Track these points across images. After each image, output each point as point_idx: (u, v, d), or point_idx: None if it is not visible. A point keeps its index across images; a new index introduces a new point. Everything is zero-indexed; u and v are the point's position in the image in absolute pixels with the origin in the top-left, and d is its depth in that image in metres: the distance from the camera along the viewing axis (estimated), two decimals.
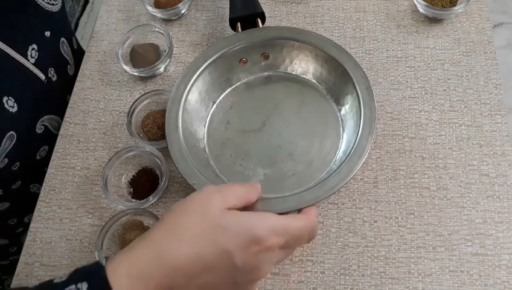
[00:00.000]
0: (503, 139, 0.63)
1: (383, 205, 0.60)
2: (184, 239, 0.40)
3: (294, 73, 0.68)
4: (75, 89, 0.74)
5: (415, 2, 0.71)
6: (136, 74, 0.72)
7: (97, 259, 0.57)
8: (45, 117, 0.71)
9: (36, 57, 0.66)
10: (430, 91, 0.67)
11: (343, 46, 0.65)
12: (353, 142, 0.58)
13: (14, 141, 0.63)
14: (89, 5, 1.93)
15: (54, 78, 0.72)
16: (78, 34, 1.84)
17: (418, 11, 0.73)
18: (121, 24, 0.79)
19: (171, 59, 0.73)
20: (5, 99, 0.61)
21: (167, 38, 0.72)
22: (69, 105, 0.73)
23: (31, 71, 0.66)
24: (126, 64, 0.71)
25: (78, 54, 0.83)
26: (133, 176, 0.65)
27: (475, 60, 0.69)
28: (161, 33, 0.73)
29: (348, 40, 0.72)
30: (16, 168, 0.67)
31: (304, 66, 0.68)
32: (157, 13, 0.76)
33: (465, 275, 0.55)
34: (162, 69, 0.73)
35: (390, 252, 0.57)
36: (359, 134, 0.58)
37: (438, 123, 0.65)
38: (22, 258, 0.61)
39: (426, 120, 0.65)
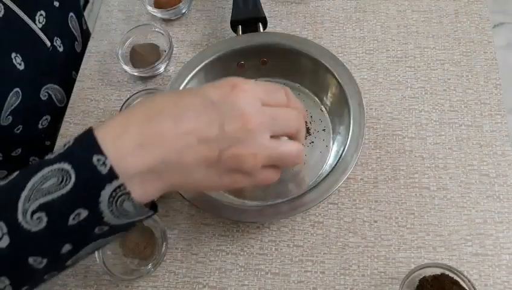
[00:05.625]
0: (503, 139, 0.63)
1: (383, 205, 0.60)
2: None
3: (291, 81, 0.68)
4: (75, 89, 0.74)
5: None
6: (136, 74, 0.72)
7: (97, 261, 0.57)
8: (49, 85, 0.73)
9: (43, 23, 0.69)
10: (430, 91, 0.67)
11: (343, 46, 0.64)
12: (338, 157, 0.58)
13: (20, 99, 0.66)
14: (89, 5, 1.93)
15: (61, 49, 0.75)
16: None
17: (418, 10, 0.72)
18: (121, 24, 0.79)
19: (171, 59, 0.73)
20: (13, 55, 0.64)
21: (167, 38, 0.72)
22: (69, 105, 0.73)
23: (37, 35, 0.68)
24: (126, 64, 0.71)
25: (87, 34, 0.86)
26: None
27: (475, 60, 0.68)
28: (161, 33, 0.73)
29: (348, 40, 0.72)
30: (18, 131, 0.69)
31: (301, 74, 0.67)
32: (157, 13, 0.76)
33: None
34: (162, 69, 0.73)
35: (390, 252, 0.57)
36: (345, 150, 0.57)
37: (438, 123, 0.65)
38: None
39: (426, 120, 0.65)
